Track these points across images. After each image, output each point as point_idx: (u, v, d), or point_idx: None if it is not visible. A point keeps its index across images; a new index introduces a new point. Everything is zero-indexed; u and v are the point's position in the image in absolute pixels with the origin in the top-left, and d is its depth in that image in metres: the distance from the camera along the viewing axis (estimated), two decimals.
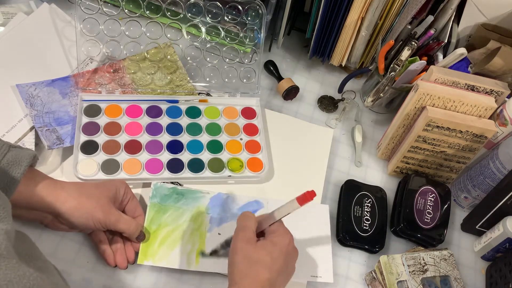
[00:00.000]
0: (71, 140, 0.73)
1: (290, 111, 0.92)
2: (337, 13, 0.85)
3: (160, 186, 0.72)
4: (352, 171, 0.87)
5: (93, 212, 0.59)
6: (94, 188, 0.61)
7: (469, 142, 0.78)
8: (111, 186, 0.63)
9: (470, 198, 0.83)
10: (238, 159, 0.79)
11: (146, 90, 0.83)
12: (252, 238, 0.57)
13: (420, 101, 0.77)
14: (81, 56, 0.79)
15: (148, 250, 0.65)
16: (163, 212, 0.69)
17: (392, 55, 0.87)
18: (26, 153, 0.55)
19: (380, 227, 0.77)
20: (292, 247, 0.59)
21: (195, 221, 0.70)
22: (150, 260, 0.65)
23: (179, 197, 0.72)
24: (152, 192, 0.71)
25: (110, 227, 0.62)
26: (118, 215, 0.62)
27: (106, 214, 0.60)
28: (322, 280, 0.70)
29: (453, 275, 0.73)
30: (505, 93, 0.78)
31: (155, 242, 0.66)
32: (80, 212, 0.58)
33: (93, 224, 0.60)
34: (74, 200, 0.58)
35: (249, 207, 0.74)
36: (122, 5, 0.79)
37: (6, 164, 0.53)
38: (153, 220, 0.68)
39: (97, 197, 0.60)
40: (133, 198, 0.67)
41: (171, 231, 0.68)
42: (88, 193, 0.60)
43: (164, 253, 0.66)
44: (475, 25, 0.89)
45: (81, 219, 0.59)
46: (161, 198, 0.71)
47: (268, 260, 0.55)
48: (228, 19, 0.85)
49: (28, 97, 0.75)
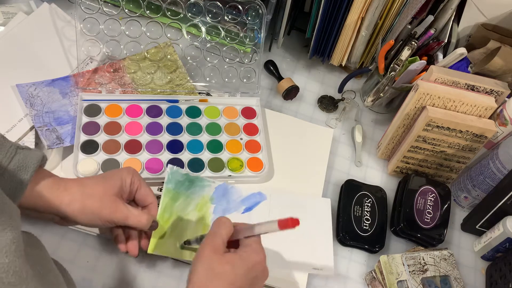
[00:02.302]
0: (71, 140, 0.73)
1: (290, 111, 0.92)
2: (337, 13, 0.85)
3: (175, 171, 0.70)
4: (352, 171, 0.87)
5: (99, 213, 0.57)
6: (98, 185, 0.59)
7: (469, 142, 0.78)
8: (116, 180, 0.60)
9: (470, 198, 0.83)
10: (238, 159, 0.79)
11: (146, 89, 0.83)
12: (220, 248, 0.53)
13: (420, 101, 0.77)
14: (81, 55, 0.79)
15: (158, 240, 0.64)
16: (176, 200, 0.68)
17: (392, 55, 0.87)
18: (34, 155, 0.53)
19: (380, 227, 0.77)
20: (262, 268, 0.54)
21: (200, 211, 0.70)
22: (159, 250, 0.63)
23: (190, 184, 0.71)
24: (168, 176, 0.69)
25: (119, 224, 0.60)
26: (126, 212, 0.59)
27: (112, 213, 0.58)
28: (323, 273, 0.71)
29: (453, 275, 0.73)
30: (505, 93, 0.78)
31: (166, 232, 0.65)
32: (85, 214, 0.57)
33: (101, 223, 0.58)
34: (78, 203, 0.56)
35: (252, 199, 0.74)
36: (122, 4, 0.79)
37: (14, 167, 0.51)
38: (167, 208, 0.66)
39: (101, 197, 0.58)
40: (143, 185, 0.63)
41: (179, 221, 0.67)
42: (92, 193, 0.58)
43: (172, 243, 0.65)
44: (475, 25, 0.89)
45: (87, 220, 0.57)
46: (175, 184, 0.69)
47: (231, 277, 0.51)
48: (228, 19, 0.85)
49: (28, 97, 0.75)
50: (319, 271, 0.71)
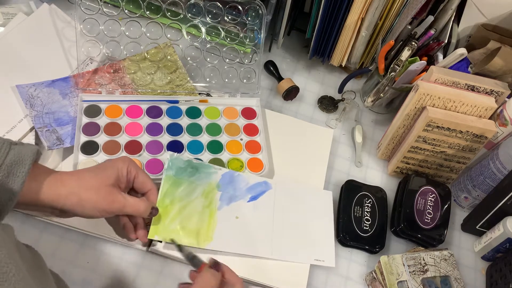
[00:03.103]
0: (71, 141, 0.73)
1: (290, 111, 0.92)
2: (337, 13, 0.85)
3: (176, 158, 0.71)
4: (352, 171, 0.87)
5: (96, 204, 0.58)
6: (94, 177, 0.60)
7: (469, 142, 0.78)
8: (112, 170, 0.61)
9: (470, 198, 0.83)
10: (238, 159, 0.79)
11: (146, 90, 0.83)
12: None
13: (420, 101, 0.77)
14: (81, 56, 0.79)
15: (159, 225, 0.64)
16: (177, 186, 0.69)
17: (392, 55, 0.87)
18: (28, 149, 0.53)
19: (380, 227, 0.77)
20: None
21: (206, 198, 0.70)
22: (161, 235, 0.64)
23: (193, 171, 0.71)
24: (168, 163, 0.70)
25: (118, 213, 0.61)
26: (123, 201, 0.60)
27: (109, 203, 0.59)
28: (324, 264, 0.72)
29: (453, 275, 0.73)
30: (505, 93, 0.78)
31: (167, 217, 0.65)
32: (83, 207, 0.57)
33: (100, 214, 0.59)
34: (75, 196, 0.57)
35: (258, 188, 0.75)
36: (122, 5, 0.79)
37: (10, 162, 0.51)
38: (167, 194, 0.67)
39: (97, 188, 0.59)
40: (140, 173, 0.64)
41: (183, 207, 0.67)
42: (88, 186, 0.58)
43: (174, 229, 0.65)
44: (475, 25, 0.89)
45: (86, 213, 0.58)
46: (176, 171, 0.70)
47: None
48: (228, 19, 0.85)
49: (28, 98, 0.75)
50: (320, 262, 0.71)
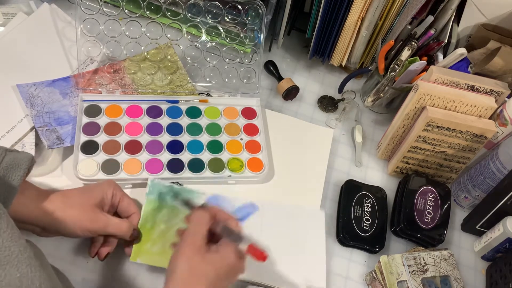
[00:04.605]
0: (71, 140, 0.73)
1: (290, 111, 0.92)
2: (337, 13, 0.85)
3: (157, 182, 0.71)
4: (352, 171, 0.87)
5: (79, 222, 0.59)
6: (79, 196, 0.61)
7: (469, 142, 0.78)
8: (97, 192, 0.62)
9: (470, 198, 0.83)
10: (238, 159, 0.80)
11: (146, 90, 0.83)
12: (202, 247, 0.55)
13: (420, 101, 0.77)
14: (81, 56, 0.79)
15: (141, 248, 0.65)
16: (159, 210, 0.69)
17: (392, 55, 0.87)
18: (24, 156, 0.54)
19: (380, 227, 0.77)
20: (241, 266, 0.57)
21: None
22: (143, 258, 0.64)
23: (175, 196, 0.71)
24: (149, 188, 0.70)
25: (100, 233, 0.61)
26: (106, 221, 0.61)
27: (92, 222, 0.60)
28: (315, 285, 0.70)
29: (453, 275, 0.73)
30: (505, 93, 0.78)
31: (149, 240, 0.66)
32: (66, 223, 0.58)
33: (81, 232, 0.59)
34: (60, 212, 0.58)
35: (244, 210, 0.74)
36: (122, 5, 0.79)
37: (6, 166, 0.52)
38: (148, 218, 0.67)
39: (82, 206, 0.60)
40: (124, 197, 0.66)
41: (165, 231, 0.68)
42: (73, 203, 0.59)
43: (157, 252, 0.65)
44: (475, 25, 0.89)
45: (67, 230, 0.59)
46: (158, 195, 0.70)
47: (213, 277, 0.53)
48: (228, 19, 0.85)
49: (29, 97, 0.75)
50: (312, 287, 0.70)
